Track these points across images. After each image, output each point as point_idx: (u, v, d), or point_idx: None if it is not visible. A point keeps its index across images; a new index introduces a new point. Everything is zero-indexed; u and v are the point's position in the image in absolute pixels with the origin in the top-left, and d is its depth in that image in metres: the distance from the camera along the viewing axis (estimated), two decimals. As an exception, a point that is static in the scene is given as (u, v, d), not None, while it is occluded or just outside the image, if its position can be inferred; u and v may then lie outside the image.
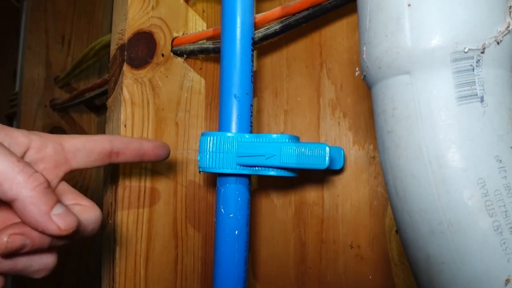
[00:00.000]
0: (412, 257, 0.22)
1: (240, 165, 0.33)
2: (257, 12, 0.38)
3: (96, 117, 0.85)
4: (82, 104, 0.71)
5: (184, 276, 0.43)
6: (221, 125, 0.35)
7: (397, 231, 0.34)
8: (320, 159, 0.30)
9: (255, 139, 0.32)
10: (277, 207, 0.45)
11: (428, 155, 0.20)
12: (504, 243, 0.19)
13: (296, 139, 0.33)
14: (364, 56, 0.23)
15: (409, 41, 0.20)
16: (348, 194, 0.39)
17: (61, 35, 0.79)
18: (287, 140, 0.32)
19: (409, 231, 0.21)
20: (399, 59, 0.21)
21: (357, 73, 0.39)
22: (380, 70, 0.22)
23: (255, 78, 0.49)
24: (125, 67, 0.40)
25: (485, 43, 0.19)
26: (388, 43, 0.21)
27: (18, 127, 0.77)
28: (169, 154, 0.34)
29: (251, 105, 0.35)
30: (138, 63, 0.41)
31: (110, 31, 0.88)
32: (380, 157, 0.24)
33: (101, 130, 0.84)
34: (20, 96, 0.76)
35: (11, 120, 1.06)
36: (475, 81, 0.19)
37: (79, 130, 0.82)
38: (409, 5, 0.20)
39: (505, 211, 0.19)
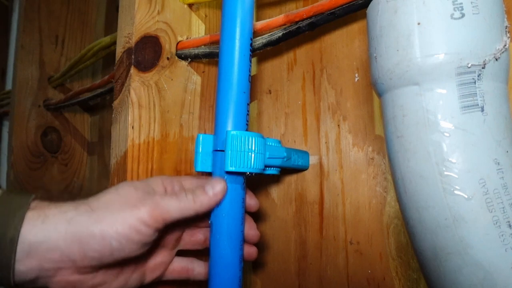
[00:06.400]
0: (420, 248, 0.24)
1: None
2: (258, 19, 0.39)
3: (89, 117, 0.85)
4: (77, 104, 0.71)
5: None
6: (217, 124, 0.35)
7: (394, 228, 0.37)
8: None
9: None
10: (278, 206, 0.47)
11: (435, 158, 0.22)
12: (502, 235, 0.21)
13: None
14: (375, 67, 0.25)
15: (419, 56, 0.22)
16: (348, 194, 0.40)
17: (54, 35, 0.78)
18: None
19: (417, 225, 0.24)
20: (409, 72, 0.23)
21: (356, 79, 0.41)
22: (391, 81, 0.24)
23: (257, 82, 0.50)
24: (133, 70, 0.41)
25: (485, 59, 0.22)
26: (399, 57, 0.23)
27: (11, 127, 0.76)
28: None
29: (248, 104, 0.35)
30: (145, 66, 0.42)
31: (104, 31, 0.87)
32: (389, 159, 0.26)
33: (94, 129, 0.84)
34: (13, 96, 0.75)
35: (1, 119, 1.04)
36: (476, 93, 0.22)
37: (73, 130, 0.81)
38: (418, 23, 0.22)
39: (503, 207, 0.21)
